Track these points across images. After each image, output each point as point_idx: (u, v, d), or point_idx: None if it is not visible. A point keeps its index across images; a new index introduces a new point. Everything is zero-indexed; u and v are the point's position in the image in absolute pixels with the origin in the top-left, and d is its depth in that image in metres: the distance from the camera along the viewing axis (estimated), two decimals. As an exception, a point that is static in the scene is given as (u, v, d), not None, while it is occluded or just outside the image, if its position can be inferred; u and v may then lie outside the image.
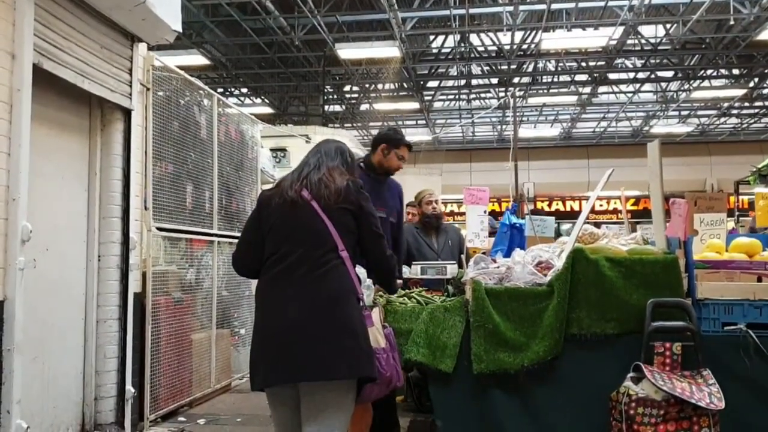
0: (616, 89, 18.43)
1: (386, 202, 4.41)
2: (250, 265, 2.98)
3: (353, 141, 14.16)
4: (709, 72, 16.57)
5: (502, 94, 17.91)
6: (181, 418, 5.66)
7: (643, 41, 14.56)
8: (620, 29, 12.92)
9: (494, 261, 3.79)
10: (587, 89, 18.06)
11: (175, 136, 5.87)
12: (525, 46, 14.91)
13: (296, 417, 2.78)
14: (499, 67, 16.57)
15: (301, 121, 17.50)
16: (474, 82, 17.73)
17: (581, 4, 12.34)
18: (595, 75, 16.78)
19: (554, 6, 12.17)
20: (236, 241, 3.28)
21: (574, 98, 18.59)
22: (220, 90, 16.23)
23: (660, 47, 14.63)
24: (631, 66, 16.43)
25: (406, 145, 4.42)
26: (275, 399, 2.85)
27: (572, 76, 17.11)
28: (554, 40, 13.16)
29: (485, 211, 5.00)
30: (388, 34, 13.05)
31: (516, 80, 17.21)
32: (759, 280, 3.30)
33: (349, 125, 20.95)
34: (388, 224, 4.42)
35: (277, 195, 2.93)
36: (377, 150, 4.39)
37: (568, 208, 22.66)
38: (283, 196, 2.90)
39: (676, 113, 20.60)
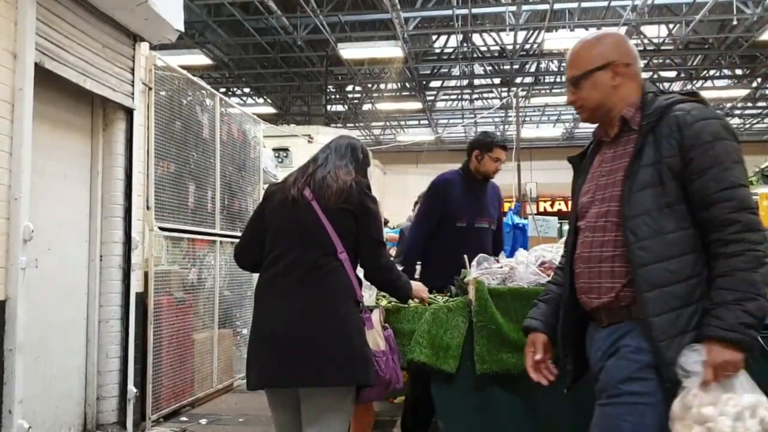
0: (618, 89, 18.39)
1: (488, 211, 4.38)
2: (251, 259, 2.96)
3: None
4: (711, 72, 16.55)
5: (504, 94, 17.90)
6: (183, 418, 5.66)
7: (645, 41, 14.54)
8: (623, 29, 12.88)
9: (497, 261, 3.77)
10: (590, 89, 18.01)
11: (178, 136, 5.87)
12: (528, 46, 14.91)
13: (296, 418, 2.76)
14: (501, 67, 16.56)
15: (303, 121, 17.52)
16: (476, 82, 17.72)
17: (584, 4, 12.34)
18: (597, 75, 16.73)
19: (557, 6, 12.16)
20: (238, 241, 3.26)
21: (576, 98, 18.55)
22: (223, 90, 16.23)
23: (663, 47, 14.62)
24: (633, 66, 16.39)
25: (500, 146, 4.31)
26: (275, 400, 2.84)
27: (575, 76, 17.07)
28: (557, 40, 13.14)
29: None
30: (391, 34, 13.05)
31: (519, 80, 17.20)
32: (763, 280, 3.29)
33: (352, 125, 20.94)
34: (489, 233, 4.41)
35: (280, 191, 2.88)
36: (471, 157, 4.32)
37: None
38: (285, 193, 2.85)
39: (679, 113, 20.55)
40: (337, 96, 18.73)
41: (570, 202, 2.44)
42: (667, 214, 2.03)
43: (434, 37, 15.23)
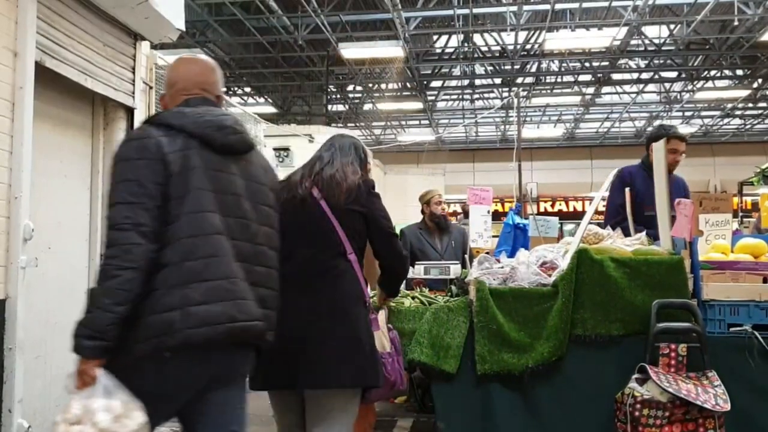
0: (619, 90, 18.40)
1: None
2: None
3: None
4: (712, 73, 16.53)
5: (505, 94, 17.90)
6: (183, 418, 5.63)
7: (646, 42, 14.53)
8: (624, 30, 12.88)
9: (498, 261, 3.77)
10: (591, 89, 18.03)
11: (178, 135, 5.85)
12: (528, 47, 14.89)
13: (301, 419, 2.75)
14: (502, 67, 16.54)
15: (304, 120, 17.49)
16: (477, 82, 17.71)
17: (585, 5, 12.32)
18: (598, 75, 16.75)
19: (558, 6, 12.15)
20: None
21: (577, 98, 18.56)
22: (224, 89, 16.19)
23: (664, 48, 14.60)
24: (634, 66, 16.39)
25: (677, 137, 4.26)
26: (280, 401, 2.82)
27: (576, 76, 17.09)
28: (558, 40, 13.13)
29: (488, 212, 4.98)
30: (392, 33, 13.05)
31: (519, 80, 17.18)
32: (765, 281, 3.29)
33: (353, 125, 20.93)
34: None
35: (286, 190, 2.82)
36: (649, 151, 4.28)
37: (571, 209, 22.59)
38: (292, 192, 2.81)
39: (680, 114, 20.56)
40: (338, 96, 18.71)
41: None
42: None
43: (435, 37, 15.22)
